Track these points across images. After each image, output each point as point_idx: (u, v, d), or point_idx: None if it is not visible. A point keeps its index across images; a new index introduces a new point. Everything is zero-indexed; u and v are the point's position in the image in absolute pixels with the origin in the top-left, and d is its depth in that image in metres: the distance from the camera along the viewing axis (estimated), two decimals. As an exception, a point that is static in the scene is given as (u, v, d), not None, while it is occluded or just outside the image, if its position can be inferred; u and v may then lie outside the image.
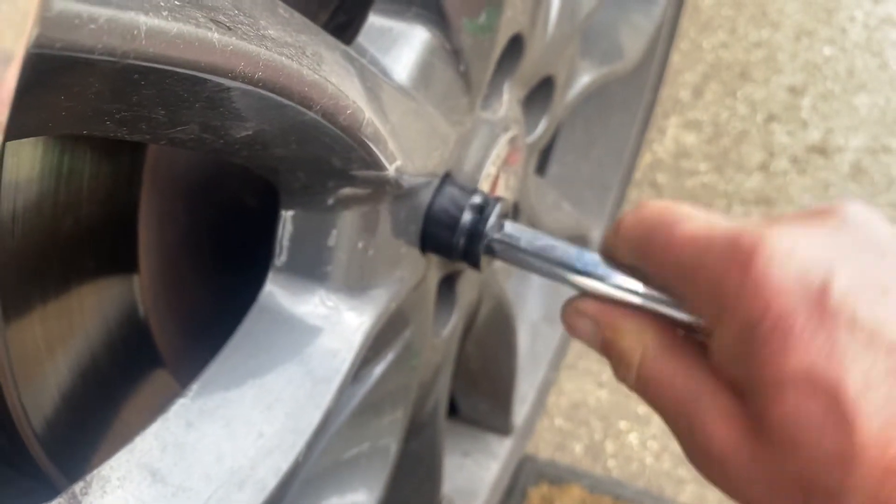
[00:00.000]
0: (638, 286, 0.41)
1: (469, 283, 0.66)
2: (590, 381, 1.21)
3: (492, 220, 0.50)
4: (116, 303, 0.52)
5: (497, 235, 0.49)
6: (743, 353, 0.33)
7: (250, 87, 0.28)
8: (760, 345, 0.32)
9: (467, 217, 0.50)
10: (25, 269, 0.45)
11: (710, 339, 0.36)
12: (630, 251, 0.40)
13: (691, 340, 0.39)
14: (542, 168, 1.06)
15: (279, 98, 0.30)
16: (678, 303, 0.39)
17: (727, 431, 0.34)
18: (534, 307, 1.06)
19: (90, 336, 0.51)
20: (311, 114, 0.32)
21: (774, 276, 0.32)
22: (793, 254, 0.33)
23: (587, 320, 0.42)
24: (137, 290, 0.53)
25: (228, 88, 0.28)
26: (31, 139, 0.41)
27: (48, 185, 0.43)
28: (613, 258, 0.42)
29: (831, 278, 0.32)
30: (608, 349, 0.41)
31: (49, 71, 0.22)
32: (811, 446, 0.31)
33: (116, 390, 0.55)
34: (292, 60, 0.30)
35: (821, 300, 0.32)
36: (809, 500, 0.32)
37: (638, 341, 0.39)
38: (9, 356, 0.45)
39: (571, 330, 0.42)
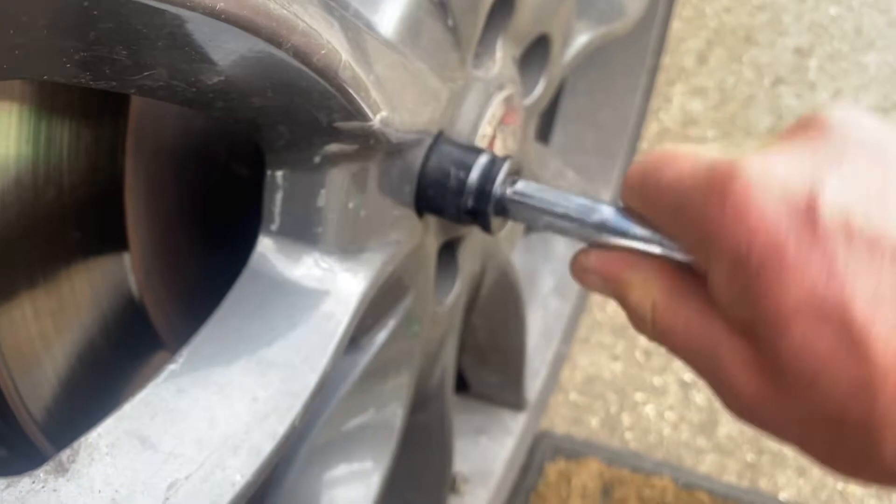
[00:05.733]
0: (654, 235, 0.39)
1: (471, 252, 0.64)
2: (604, 355, 1.20)
3: (500, 178, 0.48)
4: (108, 280, 0.51)
5: (508, 194, 0.47)
6: (739, 290, 0.31)
7: (212, 21, 0.27)
8: (754, 279, 0.30)
9: (474, 176, 0.48)
10: (8, 244, 0.43)
11: (708, 281, 0.34)
12: (633, 200, 0.39)
13: (703, 284, 0.36)
14: (545, 136, 1.05)
15: (245, 34, 0.29)
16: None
17: (747, 377, 0.32)
18: (543, 280, 1.05)
19: (82, 315, 0.50)
20: (282, 52, 0.30)
21: (754, 202, 0.30)
22: (771, 174, 0.30)
23: (595, 276, 0.40)
24: (129, 266, 0.51)
25: (189, 21, 0.26)
26: (5, 106, 0.40)
27: (26, 154, 0.41)
28: (629, 208, 0.41)
29: (817, 191, 0.29)
30: (621, 303, 0.39)
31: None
32: (829, 380, 0.29)
33: (116, 373, 0.54)
34: (258, -7, 0.28)
35: (809, 217, 0.29)
36: (844, 436, 0.30)
37: (646, 294, 0.37)
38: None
39: (585, 285, 0.41)
